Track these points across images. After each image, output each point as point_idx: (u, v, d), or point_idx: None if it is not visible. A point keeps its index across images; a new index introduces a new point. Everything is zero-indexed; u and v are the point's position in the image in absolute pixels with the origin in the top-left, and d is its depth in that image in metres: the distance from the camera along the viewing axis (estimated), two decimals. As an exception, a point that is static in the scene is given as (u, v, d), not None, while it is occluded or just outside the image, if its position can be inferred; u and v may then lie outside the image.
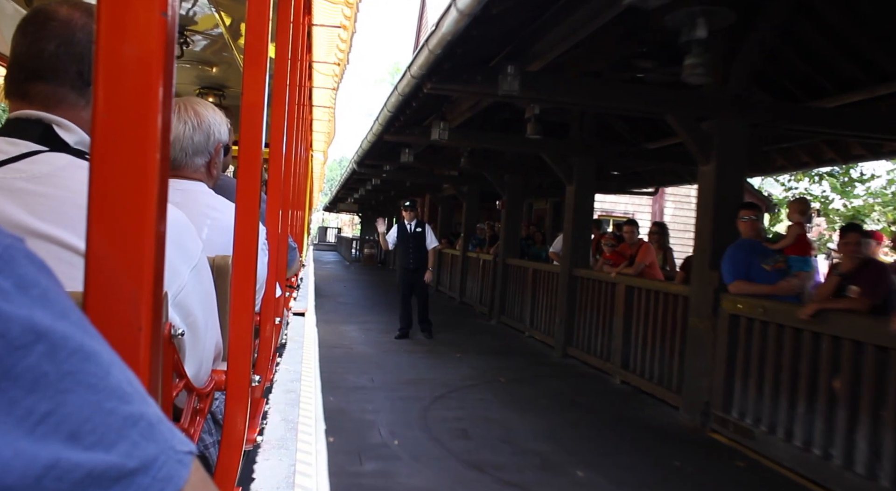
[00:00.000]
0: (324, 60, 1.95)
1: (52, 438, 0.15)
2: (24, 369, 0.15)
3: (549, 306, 4.55)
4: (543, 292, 4.71)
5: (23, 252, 0.17)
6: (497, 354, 4.15)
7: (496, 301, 5.73)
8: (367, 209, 17.04)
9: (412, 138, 4.40)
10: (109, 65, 0.23)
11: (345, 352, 3.81)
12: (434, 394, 2.87)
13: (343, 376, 3.11)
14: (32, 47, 0.49)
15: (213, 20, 1.70)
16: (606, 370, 3.60)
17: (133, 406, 0.17)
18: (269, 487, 0.67)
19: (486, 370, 3.49)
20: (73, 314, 0.17)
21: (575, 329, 4.09)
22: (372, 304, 6.82)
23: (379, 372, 3.29)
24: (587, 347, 3.92)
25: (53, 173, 0.46)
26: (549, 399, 2.96)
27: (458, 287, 7.29)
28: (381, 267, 14.05)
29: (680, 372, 2.88)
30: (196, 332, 0.52)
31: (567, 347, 4.13)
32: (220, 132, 0.81)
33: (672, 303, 3.02)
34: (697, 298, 2.76)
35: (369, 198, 12.70)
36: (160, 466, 0.17)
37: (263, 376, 0.75)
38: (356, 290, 8.49)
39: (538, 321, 4.79)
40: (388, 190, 10.28)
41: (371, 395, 2.82)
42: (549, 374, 3.58)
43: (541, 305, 4.74)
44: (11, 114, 0.50)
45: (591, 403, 2.96)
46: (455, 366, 3.58)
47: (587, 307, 3.96)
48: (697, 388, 2.70)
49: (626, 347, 3.43)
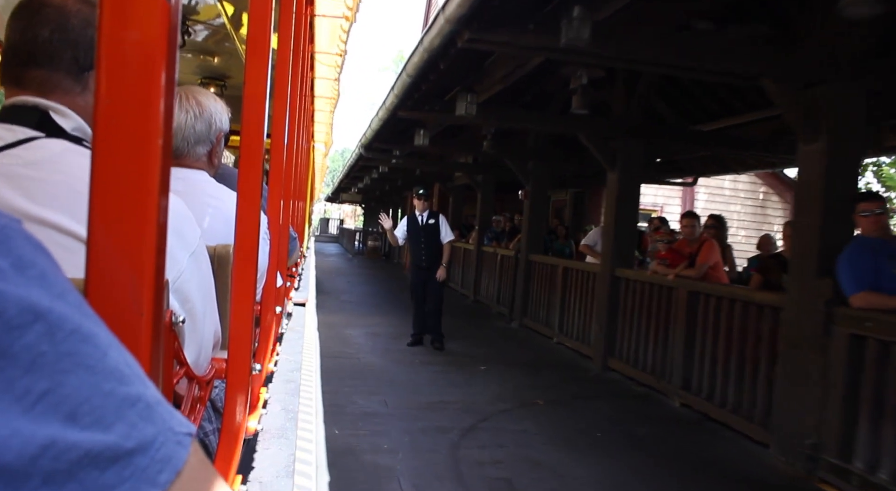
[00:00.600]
0: (326, 51, 2.05)
1: (49, 418, 0.16)
2: (21, 349, 0.16)
3: (584, 310, 4.43)
4: (576, 294, 4.59)
5: (20, 232, 0.18)
6: (526, 366, 4.01)
7: (517, 301, 5.64)
8: (371, 200, 17.49)
9: (432, 115, 4.15)
10: (112, 50, 0.25)
11: (351, 363, 3.68)
12: (462, 423, 2.66)
13: (350, 397, 2.93)
14: (27, 33, 0.55)
15: (215, 10, 1.84)
16: (661, 389, 3.40)
17: (131, 387, 0.19)
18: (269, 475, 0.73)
19: (517, 388, 3.35)
20: (70, 295, 0.19)
21: (618, 339, 3.93)
22: (378, 302, 6.79)
23: (392, 391, 3.11)
24: (634, 360, 3.75)
25: (50, 159, 0.51)
26: (600, 430, 2.74)
27: (472, 284, 7.27)
28: (386, 260, 14.19)
29: (767, 401, 2.61)
30: (194, 318, 0.58)
31: (608, 358, 3.98)
32: (222, 121, 0.89)
33: (754, 314, 2.77)
34: (798, 312, 2.44)
35: (374, 187, 12.91)
36: (158, 446, 0.19)
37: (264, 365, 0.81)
38: (360, 286, 8.51)
39: (570, 327, 4.67)
40: (395, 179, 10.35)
41: (385, 425, 2.58)
42: (592, 393, 3.45)
43: (573, 308, 4.62)
44: (8, 100, 0.56)
45: (653, 437, 2.72)
46: (481, 383, 3.43)
47: (634, 314, 3.78)
48: (798, 424, 2.37)
49: (687, 363, 3.23)
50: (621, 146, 4.05)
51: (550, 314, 5.03)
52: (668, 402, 3.28)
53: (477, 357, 4.10)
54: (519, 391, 3.30)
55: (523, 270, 5.56)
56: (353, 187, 14.24)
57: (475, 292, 7.19)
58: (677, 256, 3.58)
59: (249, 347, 0.64)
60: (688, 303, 3.24)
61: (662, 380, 3.41)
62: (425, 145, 5.15)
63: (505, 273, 6.19)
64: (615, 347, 3.95)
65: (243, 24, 1.87)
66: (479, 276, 7.09)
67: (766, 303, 2.71)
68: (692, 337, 3.19)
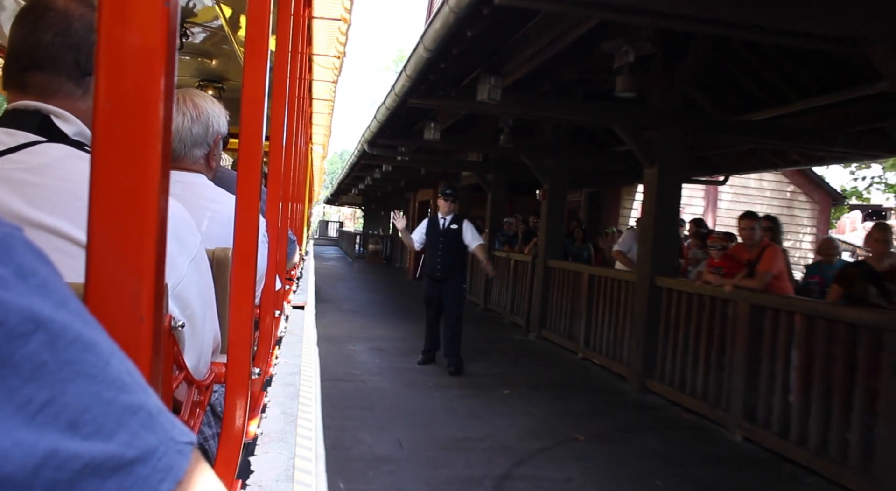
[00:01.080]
0: (324, 53, 2.16)
1: (50, 428, 0.17)
2: (22, 358, 0.17)
3: (615, 323, 4.30)
4: (605, 305, 4.46)
5: (21, 241, 0.19)
6: (554, 388, 3.86)
7: (535, 311, 5.58)
8: (371, 202, 17.99)
9: (448, 103, 3.88)
10: (111, 53, 0.27)
11: (355, 388, 3.50)
12: (494, 469, 2.43)
13: (357, 434, 2.73)
14: (29, 37, 0.59)
15: (212, 12, 1.95)
16: (716, 419, 3.25)
17: (133, 396, 0.20)
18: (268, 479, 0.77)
19: (549, 418, 3.18)
20: (72, 303, 0.20)
21: (658, 357, 3.79)
22: (383, 311, 6.74)
23: (406, 425, 2.91)
24: (680, 382, 3.61)
25: (51, 164, 0.55)
26: (659, 476, 2.52)
27: (483, 292, 7.28)
28: (388, 264, 14.49)
29: (867, 442, 2.37)
30: (194, 324, 0.62)
31: (646, 378, 3.85)
32: (219, 124, 0.95)
33: (843, 335, 2.50)
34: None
35: (374, 189, 13.17)
36: (160, 456, 0.20)
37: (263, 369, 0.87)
38: (363, 292, 8.55)
39: (598, 341, 4.56)
40: (398, 179, 10.39)
41: (401, 474, 2.34)
42: (635, 423, 3.29)
43: (601, 320, 4.50)
44: (9, 105, 0.60)
45: (725, 486, 2.48)
46: (507, 411, 3.25)
47: (679, 329, 3.64)
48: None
49: (750, 390, 3.04)
50: (662, 137, 3.90)
51: (574, 326, 4.92)
52: (726, 435, 3.07)
53: (496, 377, 3.96)
54: (552, 422, 3.14)
55: (541, 277, 5.47)
56: (354, 189, 14.57)
57: (486, 300, 7.21)
58: (734, 263, 3.41)
59: (249, 351, 0.68)
60: (750, 318, 3.02)
61: (717, 408, 3.25)
62: (436, 140, 4.97)
63: (519, 280, 6.14)
64: (655, 367, 3.82)
65: (241, 26, 1.99)
66: (489, 282, 7.07)
67: (862, 322, 2.44)
68: (756, 359, 2.99)
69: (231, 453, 0.64)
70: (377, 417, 3.06)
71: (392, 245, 15.52)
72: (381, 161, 7.80)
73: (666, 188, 3.92)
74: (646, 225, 4.02)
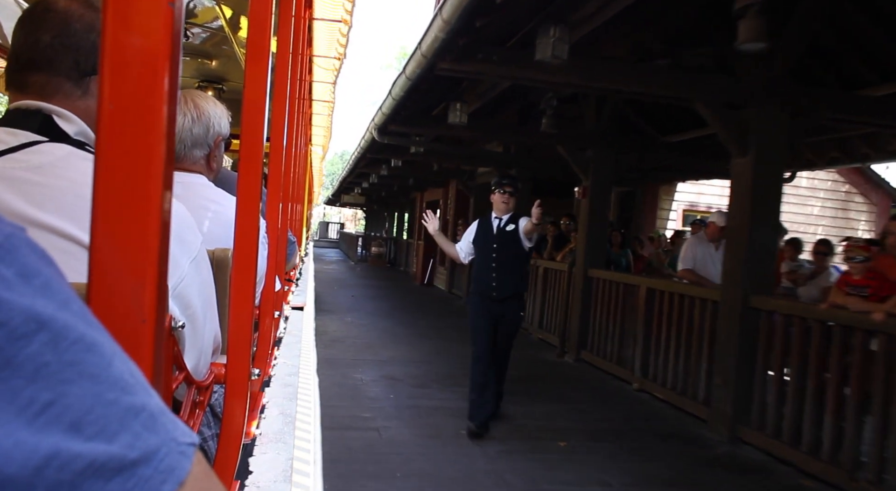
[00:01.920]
0: (324, 54, 2.16)
1: (53, 429, 0.17)
2: (25, 359, 0.17)
3: (687, 352, 3.46)
4: (673, 327, 3.62)
5: (25, 241, 0.19)
6: (620, 436, 3.00)
7: (572, 329, 4.81)
8: (374, 203, 17.36)
9: (491, 67, 2.89)
10: (116, 54, 0.28)
11: (366, 441, 2.67)
12: None
13: None
14: (29, 38, 0.60)
15: (213, 13, 1.95)
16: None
17: (135, 397, 0.20)
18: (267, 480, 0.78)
19: (631, 489, 2.38)
20: (74, 304, 0.20)
21: (755, 400, 2.95)
22: (392, 325, 5.91)
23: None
24: (792, 436, 2.71)
25: (53, 163, 0.56)
26: None
27: None
28: (391, 268, 13.83)
29: None
30: (195, 323, 0.62)
31: (738, 425, 2.99)
32: (220, 125, 0.95)
33: None
34: None
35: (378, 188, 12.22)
36: (162, 457, 0.20)
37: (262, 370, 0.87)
38: (368, 300, 7.89)
39: (661, 371, 3.72)
40: (406, 177, 9.50)
41: None
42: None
43: (666, 346, 3.66)
44: (11, 104, 0.61)
45: None
46: (574, 480, 2.41)
47: (786, 363, 2.80)
48: None
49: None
50: (757, 116, 2.99)
51: (625, 350, 4.12)
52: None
53: (542, 419, 3.12)
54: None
55: (581, 290, 4.66)
56: (356, 188, 13.67)
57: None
58: (884, 281, 2.59)
59: (248, 352, 0.68)
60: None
61: (857, 474, 2.35)
62: (462, 124, 3.90)
63: (551, 291, 5.35)
64: (750, 412, 2.97)
65: (241, 27, 1.99)
66: None
67: None
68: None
69: (230, 454, 0.64)
70: (399, 488, 2.25)
71: (396, 248, 14.98)
72: (389, 155, 6.82)
73: (763, 183, 3.00)
74: (737, 230, 3.13)
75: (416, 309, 7.42)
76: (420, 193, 12.10)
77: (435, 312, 7.25)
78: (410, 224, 13.69)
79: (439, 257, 9.94)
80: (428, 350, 4.50)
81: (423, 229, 10.12)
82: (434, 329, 4.53)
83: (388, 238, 16.15)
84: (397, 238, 15.23)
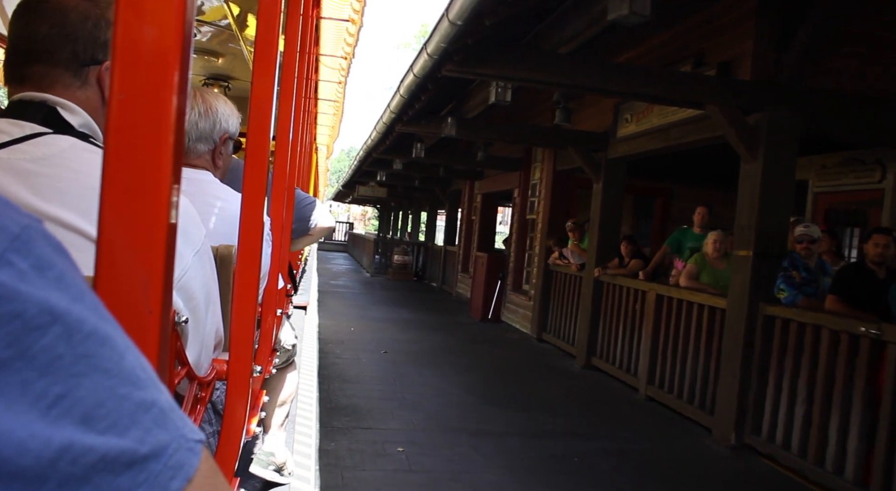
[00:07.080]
0: (331, 54, 2.16)
1: (65, 421, 0.18)
2: (39, 351, 0.17)
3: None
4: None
5: (41, 233, 0.20)
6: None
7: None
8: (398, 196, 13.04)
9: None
10: (127, 45, 0.28)
11: None
12: None
13: None
14: (27, 30, 0.60)
15: (221, 11, 1.96)
16: None
17: (146, 392, 0.21)
18: None
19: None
20: (88, 297, 0.20)
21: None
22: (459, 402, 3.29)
23: None
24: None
25: (57, 155, 0.56)
26: None
27: None
28: (418, 281, 10.70)
29: None
30: (197, 316, 0.63)
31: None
32: (228, 123, 0.95)
33: None
34: None
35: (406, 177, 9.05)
36: (171, 453, 0.20)
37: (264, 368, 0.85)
38: (403, 344, 4.57)
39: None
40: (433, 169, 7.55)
41: None
42: None
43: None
44: (15, 96, 0.61)
45: None
46: None
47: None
48: None
49: None
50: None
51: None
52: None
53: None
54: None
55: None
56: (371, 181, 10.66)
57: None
58: None
59: (251, 349, 0.68)
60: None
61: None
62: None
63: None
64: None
65: (248, 25, 1.99)
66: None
67: None
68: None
69: (231, 451, 0.64)
70: None
71: (426, 256, 11.28)
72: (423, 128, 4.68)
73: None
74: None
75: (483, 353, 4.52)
76: (469, 182, 8.29)
77: (557, 399, 3.72)
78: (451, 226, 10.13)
79: (513, 277, 6.32)
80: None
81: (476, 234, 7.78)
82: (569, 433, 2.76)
83: (413, 243, 12.30)
84: (427, 243, 11.67)
